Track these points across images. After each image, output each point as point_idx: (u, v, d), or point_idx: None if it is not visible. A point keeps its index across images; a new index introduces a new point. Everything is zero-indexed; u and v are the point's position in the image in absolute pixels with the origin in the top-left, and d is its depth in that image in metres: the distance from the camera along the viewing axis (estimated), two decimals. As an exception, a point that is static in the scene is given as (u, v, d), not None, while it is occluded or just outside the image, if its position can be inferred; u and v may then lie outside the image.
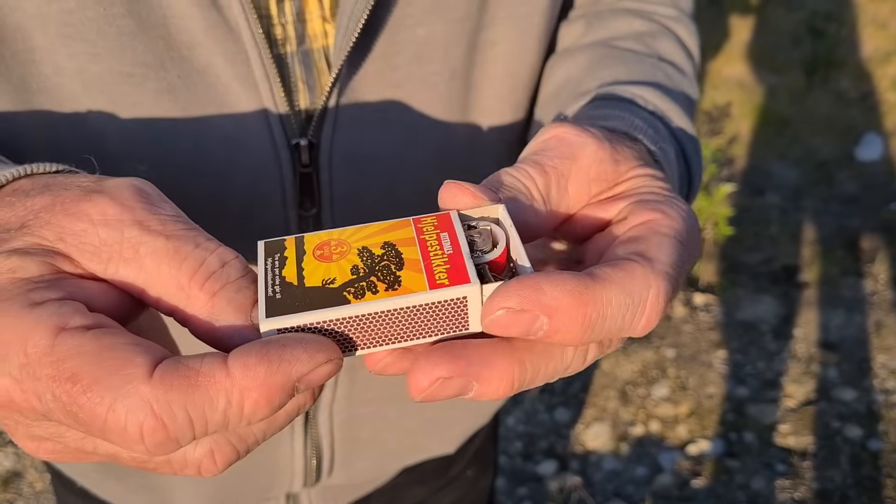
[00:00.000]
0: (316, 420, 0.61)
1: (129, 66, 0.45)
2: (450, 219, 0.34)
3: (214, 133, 0.48)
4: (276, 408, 0.29)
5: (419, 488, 0.76)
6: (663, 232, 0.33)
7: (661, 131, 0.45)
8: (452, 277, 0.31)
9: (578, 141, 0.36)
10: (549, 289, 0.29)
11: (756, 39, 3.45)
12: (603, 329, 0.30)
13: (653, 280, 0.31)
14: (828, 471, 1.86)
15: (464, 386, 0.30)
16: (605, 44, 0.55)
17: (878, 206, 2.64)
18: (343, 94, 0.49)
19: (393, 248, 0.32)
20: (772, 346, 2.19)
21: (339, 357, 0.29)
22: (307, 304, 0.30)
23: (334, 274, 0.31)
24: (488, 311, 0.30)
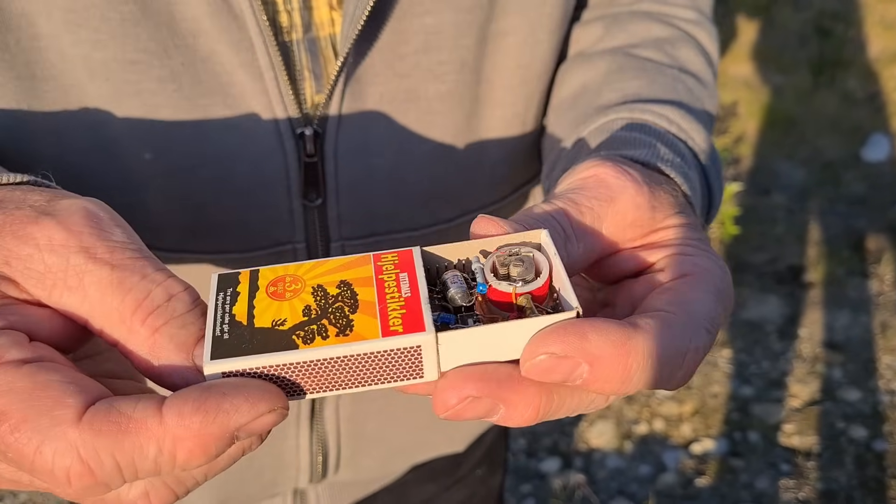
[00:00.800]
0: (322, 415, 0.61)
1: (133, 52, 0.44)
2: (411, 257, 0.32)
3: (218, 121, 0.47)
4: (213, 456, 0.28)
5: (428, 486, 0.76)
6: (703, 287, 0.33)
7: (687, 156, 0.45)
8: (407, 324, 0.29)
9: (618, 184, 0.35)
10: (594, 337, 0.28)
11: (763, 39, 3.45)
12: (641, 380, 0.29)
13: (692, 334, 0.31)
14: (832, 471, 1.85)
15: (491, 408, 0.29)
16: (624, 51, 0.54)
17: (884, 207, 2.64)
18: (349, 84, 0.48)
19: (349, 287, 0.31)
20: (777, 345, 2.19)
21: (284, 406, 0.29)
22: (254, 348, 0.29)
23: (285, 314, 0.30)
24: (530, 355, 0.29)
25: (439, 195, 0.54)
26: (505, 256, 0.32)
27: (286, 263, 0.32)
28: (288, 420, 0.60)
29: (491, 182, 0.58)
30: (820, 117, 3.05)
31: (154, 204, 0.50)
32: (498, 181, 0.58)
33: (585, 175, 0.37)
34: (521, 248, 0.32)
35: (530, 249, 0.32)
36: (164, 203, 0.50)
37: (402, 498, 0.75)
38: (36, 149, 0.47)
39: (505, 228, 0.32)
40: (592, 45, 0.56)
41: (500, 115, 0.55)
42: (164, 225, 0.51)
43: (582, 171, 0.37)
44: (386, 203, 0.53)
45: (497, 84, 0.53)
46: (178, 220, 0.50)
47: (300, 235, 0.52)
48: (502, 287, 0.31)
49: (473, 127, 0.54)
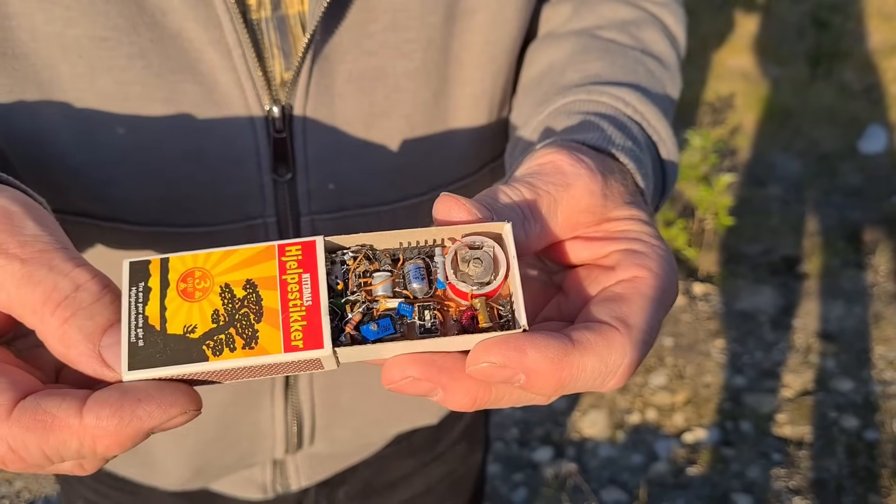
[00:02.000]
0: (296, 386, 0.61)
1: (102, 30, 0.45)
2: (314, 252, 0.33)
3: (187, 97, 0.48)
4: (131, 447, 0.31)
5: (408, 461, 0.77)
6: (647, 294, 0.35)
7: (640, 140, 0.46)
8: (307, 340, 0.31)
9: (572, 171, 0.37)
10: (531, 353, 0.31)
11: (761, 31, 3.44)
12: (574, 388, 0.33)
13: (629, 350, 0.33)
14: (824, 460, 1.86)
15: (431, 389, 0.33)
16: (590, 33, 0.55)
17: (880, 199, 2.64)
18: (317, 61, 0.49)
19: (254, 290, 0.32)
20: (770, 336, 2.19)
21: (196, 407, 0.32)
22: (167, 358, 0.31)
23: (195, 320, 0.32)
24: (474, 360, 0.32)
25: (408, 171, 0.55)
26: (467, 250, 0.33)
27: (196, 252, 0.34)
28: (262, 391, 0.61)
29: (460, 158, 0.58)
30: (817, 109, 3.04)
31: (127, 179, 0.50)
32: (467, 157, 0.59)
33: (542, 161, 0.38)
34: (483, 242, 0.33)
35: (492, 244, 0.33)
36: (137, 178, 0.50)
37: (382, 472, 0.76)
38: (9, 127, 0.48)
39: (469, 211, 0.34)
40: (561, 26, 0.57)
41: (469, 93, 0.55)
42: (138, 199, 0.51)
43: (539, 157, 0.39)
44: (355, 178, 0.54)
45: (465, 62, 0.54)
46: (151, 195, 0.51)
47: (270, 210, 0.53)
48: (461, 287, 0.33)
49: (442, 104, 0.55)
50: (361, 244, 0.34)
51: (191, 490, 0.69)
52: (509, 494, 1.84)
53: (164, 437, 0.62)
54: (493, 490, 1.85)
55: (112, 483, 0.70)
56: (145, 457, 0.64)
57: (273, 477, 0.69)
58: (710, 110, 3.06)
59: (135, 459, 0.64)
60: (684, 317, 2.26)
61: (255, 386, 0.60)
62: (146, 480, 0.66)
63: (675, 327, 2.23)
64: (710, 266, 2.42)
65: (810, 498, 1.78)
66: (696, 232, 2.44)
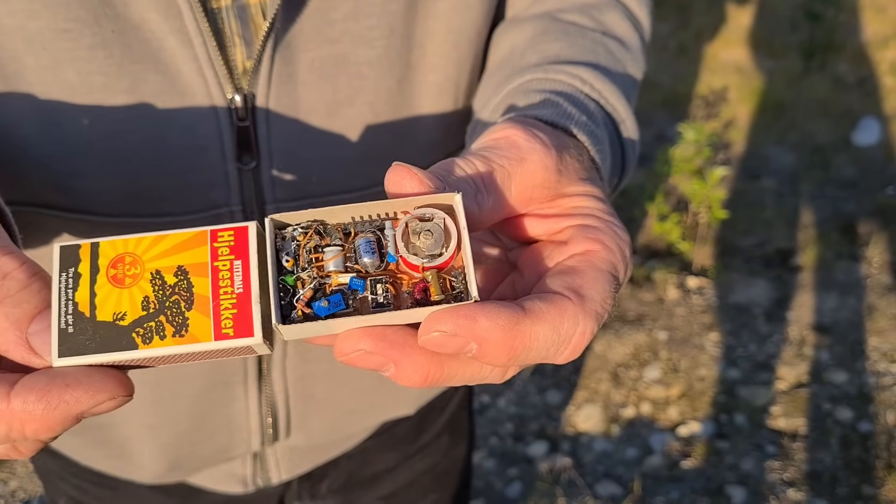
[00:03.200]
0: (270, 377, 0.61)
1: (64, 21, 0.45)
2: (247, 238, 0.33)
3: (149, 87, 0.48)
4: (61, 431, 0.31)
5: (390, 454, 0.76)
6: (599, 266, 0.35)
7: (597, 117, 0.46)
8: (238, 327, 0.31)
9: (527, 146, 0.37)
10: (482, 321, 0.31)
11: (754, 24, 3.44)
12: (527, 358, 0.33)
13: (581, 318, 0.33)
14: (818, 452, 1.86)
15: (382, 363, 0.33)
16: (552, 15, 0.55)
17: (874, 190, 2.64)
18: (279, 49, 0.49)
19: (185, 277, 0.32)
20: (764, 328, 2.19)
21: (125, 393, 0.32)
22: (97, 346, 0.31)
23: (125, 307, 0.32)
24: (425, 330, 0.32)
25: (373, 158, 0.55)
26: (417, 222, 0.33)
27: (127, 236, 0.33)
28: (235, 382, 0.61)
29: (426, 145, 0.58)
30: (810, 102, 3.04)
31: (92, 170, 0.50)
32: (433, 145, 0.59)
33: (497, 136, 0.38)
34: (434, 214, 0.33)
35: (442, 216, 0.33)
36: (103, 168, 0.50)
37: (364, 465, 0.76)
38: None
39: (420, 181, 0.34)
40: (524, 10, 0.57)
41: (433, 80, 0.55)
42: (104, 190, 0.51)
43: (494, 132, 0.39)
44: (320, 166, 0.54)
45: (429, 49, 0.54)
46: (118, 185, 0.51)
47: (236, 198, 0.53)
48: (411, 260, 0.32)
49: (406, 92, 0.55)
50: (312, 219, 0.33)
51: (170, 484, 0.69)
52: (504, 489, 1.84)
53: (138, 431, 0.62)
54: (488, 485, 1.85)
55: (93, 479, 0.70)
56: (120, 450, 0.64)
57: (253, 470, 0.69)
58: (704, 104, 3.06)
59: (110, 453, 0.64)
60: (678, 310, 2.26)
61: (228, 378, 0.60)
62: (122, 474, 0.66)
63: (669, 321, 2.23)
64: (704, 259, 2.42)
65: (804, 490, 1.78)
66: (691, 225, 2.44)
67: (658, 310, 2.26)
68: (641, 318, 2.25)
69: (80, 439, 0.64)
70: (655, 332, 2.19)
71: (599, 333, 2.20)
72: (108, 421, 0.62)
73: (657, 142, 2.86)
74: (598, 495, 1.80)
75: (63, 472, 0.71)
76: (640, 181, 2.66)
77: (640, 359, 2.13)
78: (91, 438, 0.63)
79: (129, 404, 0.60)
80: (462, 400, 0.82)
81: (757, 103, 3.04)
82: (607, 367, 2.11)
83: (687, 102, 3.08)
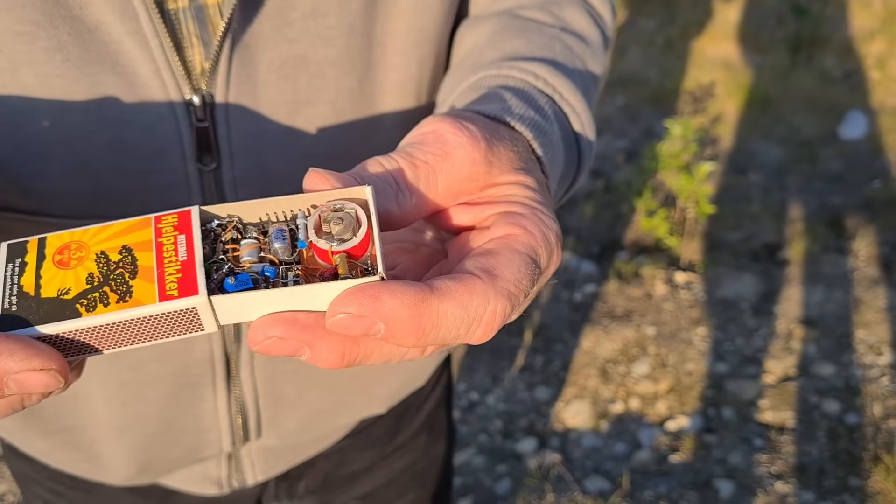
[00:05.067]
0: (238, 377, 0.61)
1: (19, 24, 0.45)
2: (190, 218, 0.34)
3: (107, 89, 0.48)
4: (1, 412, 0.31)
5: (367, 453, 0.77)
6: (516, 248, 0.35)
7: (546, 111, 0.46)
8: (182, 288, 0.31)
9: (453, 139, 0.37)
10: (387, 300, 0.31)
11: (740, 18, 3.44)
12: (437, 337, 0.32)
13: (492, 297, 0.33)
14: (805, 445, 1.87)
15: (297, 348, 0.32)
16: (511, 13, 0.55)
17: (860, 184, 2.65)
18: (236, 49, 0.49)
19: (130, 252, 0.33)
20: (751, 322, 2.20)
21: (58, 368, 0.31)
22: (40, 318, 0.31)
23: (70, 283, 0.32)
24: (332, 313, 0.31)
25: (337, 158, 0.55)
26: (329, 212, 0.33)
27: (73, 229, 0.34)
28: (203, 384, 0.61)
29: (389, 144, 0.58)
30: (797, 96, 3.05)
31: (53, 172, 0.50)
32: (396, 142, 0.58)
33: (425, 131, 0.38)
34: (345, 204, 0.33)
35: (354, 206, 0.33)
36: (64, 170, 0.50)
37: (341, 465, 0.76)
38: None
39: (333, 183, 0.34)
40: (485, 7, 0.58)
41: (395, 79, 0.55)
42: (66, 192, 0.51)
43: (422, 127, 0.39)
44: (282, 166, 0.54)
45: (389, 47, 0.54)
46: (79, 188, 0.51)
47: (197, 199, 0.53)
48: (321, 244, 0.33)
49: (367, 91, 0.55)
50: (230, 215, 0.34)
51: (143, 486, 0.69)
52: (493, 486, 1.85)
53: (107, 433, 0.62)
54: (477, 482, 1.86)
55: (68, 482, 0.70)
56: (89, 453, 0.64)
57: (228, 472, 0.69)
58: (691, 99, 3.07)
59: (79, 455, 0.64)
60: (666, 305, 2.27)
61: (196, 379, 0.60)
62: (93, 477, 0.66)
63: (657, 316, 2.23)
64: (691, 254, 2.42)
65: (792, 482, 1.79)
66: (678, 221, 2.45)
67: (646, 305, 2.27)
68: (629, 314, 2.25)
69: (50, 442, 0.64)
70: (643, 328, 2.20)
71: (588, 329, 2.20)
72: (77, 424, 0.62)
73: (644, 137, 2.86)
74: (587, 491, 1.81)
75: (38, 475, 0.71)
76: (627, 177, 2.67)
77: (628, 354, 2.13)
78: (60, 441, 0.63)
79: (97, 406, 0.60)
80: (440, 399, 0.82)
81: (744, 98, 3.05)
82: (595, 363, 2.12)
83: (674, 98, 3.09)
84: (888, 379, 2.00)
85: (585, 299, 2.30)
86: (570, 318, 2.25)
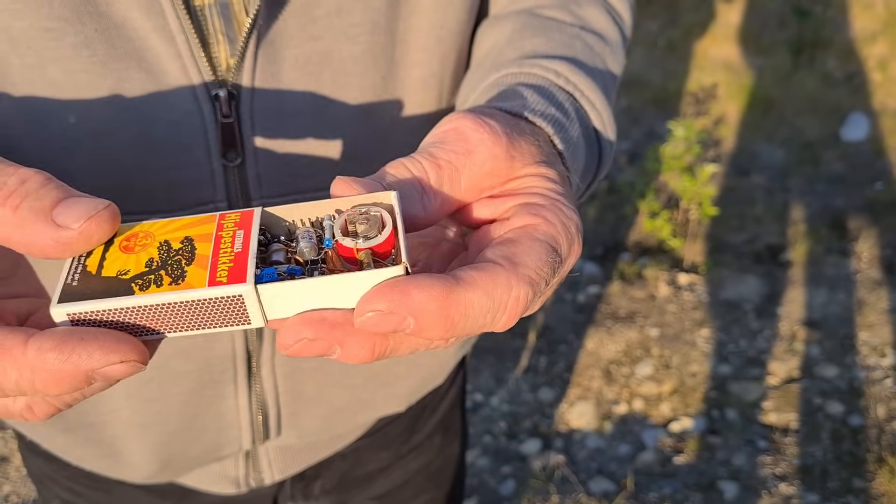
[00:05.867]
0: (259, 374, 0.61)
1: (47, 20, 0.46)
2: (251, 217, 0.35)
3: (134, 85, 0.49)
4: (69, 389, 0.32)
5: (383, 453, 0.77)
6: (537, 237, 0.35)
7: (567, 108, 0.47)
8: (231, 276, 0.32)
9: (475, 136, 0.37)
10: (416, 293, 0.31)
11: (742, 20, 3.45)
12: (465, 327, 0.33)
13: (514, 283, 0.33)
14: (809, 446, 1.87)
15: (328, 347, 0.33)
16: (530, 11, 0.55)
17: (863, 186, 2.65)
18: (262, 46, 0.50)
19: (190, 242, 0.34)
20: (755, 324, 2.20)
21: (138, 359, 0.32)
22: (95, 293, 0.33)
23: (130, 266, 0.34)
24: (360, 311, 0.32)
25: (359, 154, 0.55)
26: (355, 215, 0.34)
27: (143, 221, 0.36)
28: (225, 381, 0.61)
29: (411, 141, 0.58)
30: (799, 98, 3.06)
31: (80, 168, 0.50)
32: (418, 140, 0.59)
33: (446, 128, 0.39)
34: (370, 208, 0.34)
35: (379, 209, 0.34)
36: (90, 166, 0.51)
37: (358, 465, 0.76)
38: None
39: (359, 190, 0.35)
40: (505, 7, 0.58)
41: (417, 76, 0.56)
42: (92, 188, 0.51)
43: (443, 125, 0.39)
44: (305, 163, 0.54)
45: (412, 45, 0.55)
46: (105, 184, 0.51)
47: (221, 195, 0.53)
48: (346, 242, 0.33)
49: (390, 88, 0.55)
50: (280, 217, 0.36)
51: (163, 485, 0.69)
52: (497, 487, 1.85)
53: (128, 430, 0.62)
54: (482, 483, 1.86)
55: (87, 482, 0.70)
56: (110, 449, 0.64)
57: (246, 471, 0.69)
58: (694, 101, 3.07)
59: (100, 452, 0.64)
60: (670, 307, 2.27)
61: (218, 376, 0.60)
62: (113, 474, 0.66)
63: (660, 318, 2.24)
64: (694, 256, 2.43)
65: (796, 484, 1.79)
66: (681, 222, 2.45)
67: (649, 307, 2.27)
68: (633, 315, 2.25)
69: (70, 437, 0.64)
70: (647, 329, 2.20)
71: (591, 331, 2.21)
72: (99, 420, 0.62)
73: (647, 139, 2.87)
74: (592, 492, 1.81)
75: (56, 474, 0.71)
76: (630, 178, 2.67)
77: (631, 356, 2.14)
78: (81, 437, 0.63)
79: (119, 403, 0.61)
80: (455, 399, 0.82)
81: (746, 100, 3.05)
82: (599, 365, 2.12)
83: (676, 100, 3.09)
84: (891, 381, 2.01)
85: (589, 301, 2.31)
86: (574, 320, 2.25)
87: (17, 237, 0.33)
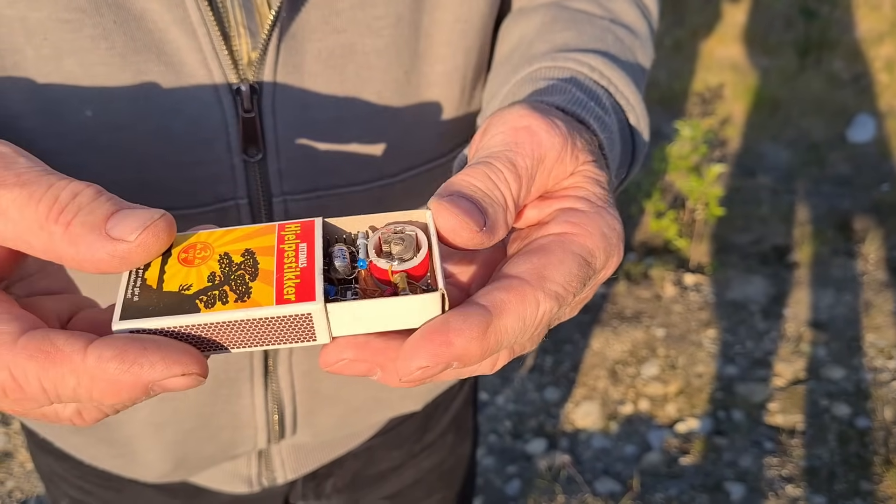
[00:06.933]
0: (276, 373, 0.61)
1: (65, 11, 0.45)
2: (312, 228, 0.35)
3: (152, 78, 0.48)
4: (126, 399, 0.31)
5: (396, 452, 0.76)
6: (570, 248, 0.35)
7: (605, 103, 0.46)
8: (300, 294, 0.32)
9: (548, 141, 0.37)
10: (457, 340, 0.31)
11: (749, 21, 3.44)
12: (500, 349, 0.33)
13: (541, 299, 0.33)
14: (815, 448, 1.86)
15: (368, 369, 0.33)
16: (559, 4, 0.55)
17: (869, 187, 2.65)
18: (284, 39, 0.49)
19: (252, 256, 0.34)
20: (761, 325, 2.19)
21: (199, 372, 0.31)
22: (160, 310, 0.32)
23: (192, 280, 0.33)
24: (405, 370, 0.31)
25: (382, 150, 0.55)
26: (390, 234, 0.34)
27: (199, 231, 0.35)
28: (241, 378, 0.60)
29: (435, 136, 0.58)
30: (805, 99, 3.05)
31: (97, 163, 0.50)
32: (442, 136, 0.58)
33: (517, 126, 0.37)
34: (405, 227, 0.34)
35: (414, 229, 0.34)
36: (108, 160, 0.50)
37: (370, 464, 0.76)
38: None
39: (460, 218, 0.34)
40: (530, 0, 0.57)
41: (441, 70, 0.55)
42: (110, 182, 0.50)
43: (512, 120, 0.38)
44: (328, 158, 0.53)
45: (436, 38, 0.54)
46: (123, 178, 0.50)
47: (242, 191, 0.52)
48: (380, 264, 0.33)
49: (414, 81, 0.54)
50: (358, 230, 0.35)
51: (175, 484, 0.69)
52: (503, 486, 1.84)
53: (143, 429, 0.61)
54: (487, 482, 1.85)
55: (98, 481, 0.70)
56: (125, 448, 0.63)
57: (259, 470, 0.69)
58: (700, 101, 3.07)
59: (114, 451, 0.64)
60: (676, 307, 2.26)
61: (234, 375, 0.60)
62: (127, 473, 0.66)
63: (666, 318, 2.23)
64: (700, 256, 2.42)
65: (802, 486, 1.78)
66: (687, 222, 2.44)
67: (655, 307, 2.27)
68: (639, 315, 2.25)
69: (85, 437, 0.63)
70: (653, 329, 2.20)
71: (597, 330, 2.20)
72: (113, 420, 0.61)
73: (654, 139, 2.86)
74: (597, 492, 1.81)
75: (66, 473, 0.71)
76: (637, 178, 2.66)
77: (637, 356, 2.13)
78: (96, 437, 0.63)
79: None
80: (467, 397, 0.81)
81: (752, 100, 3.04)
82: (605, 365, 2.11)
83: (683, 100, 3.09)
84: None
85: (595, 300, 2.30)
86: (580, 320, 2.24)
87: (70, 254, 0.32)
